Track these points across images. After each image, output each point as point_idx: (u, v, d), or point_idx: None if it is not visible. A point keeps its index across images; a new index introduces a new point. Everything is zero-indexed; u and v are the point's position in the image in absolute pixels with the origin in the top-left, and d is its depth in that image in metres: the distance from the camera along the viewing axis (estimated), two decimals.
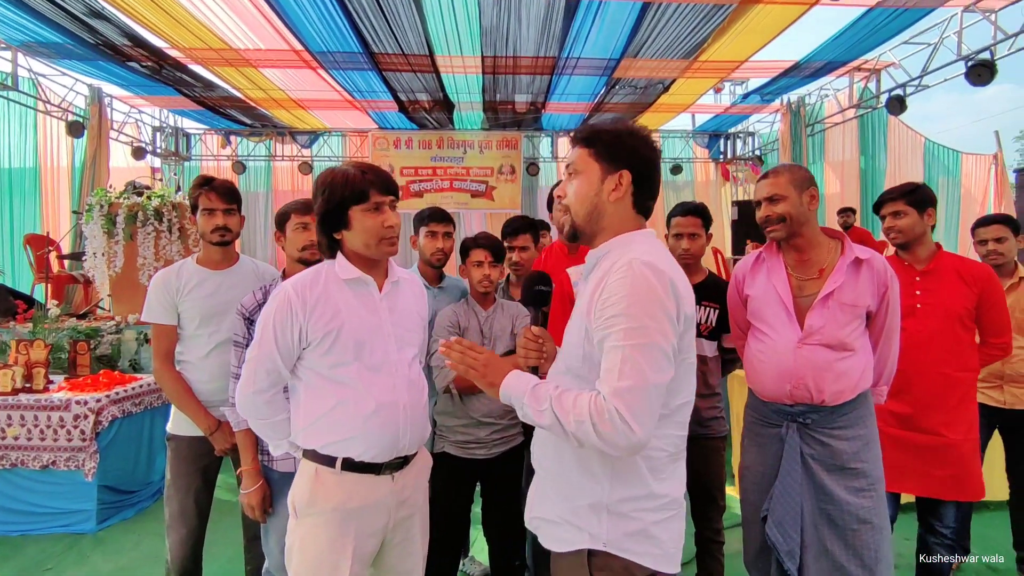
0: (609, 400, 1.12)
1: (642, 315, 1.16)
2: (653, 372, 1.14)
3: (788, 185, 1.88)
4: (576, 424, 1.14)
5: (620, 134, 1.33)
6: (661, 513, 1.26)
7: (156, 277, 2.20)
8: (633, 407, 1.11)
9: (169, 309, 2.18)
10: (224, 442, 2.15)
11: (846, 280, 1.83)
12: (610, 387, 1.13)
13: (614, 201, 1.32)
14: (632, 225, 1.33)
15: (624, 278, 1.18)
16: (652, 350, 1.15)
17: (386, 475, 1.52)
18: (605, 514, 1.24)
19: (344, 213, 1.52)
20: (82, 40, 5.98)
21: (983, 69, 5.04)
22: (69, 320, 5.49)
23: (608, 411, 1.11)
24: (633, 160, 1.31)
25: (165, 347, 2.19)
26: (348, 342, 1.49)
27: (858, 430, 1.83)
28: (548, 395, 1.20)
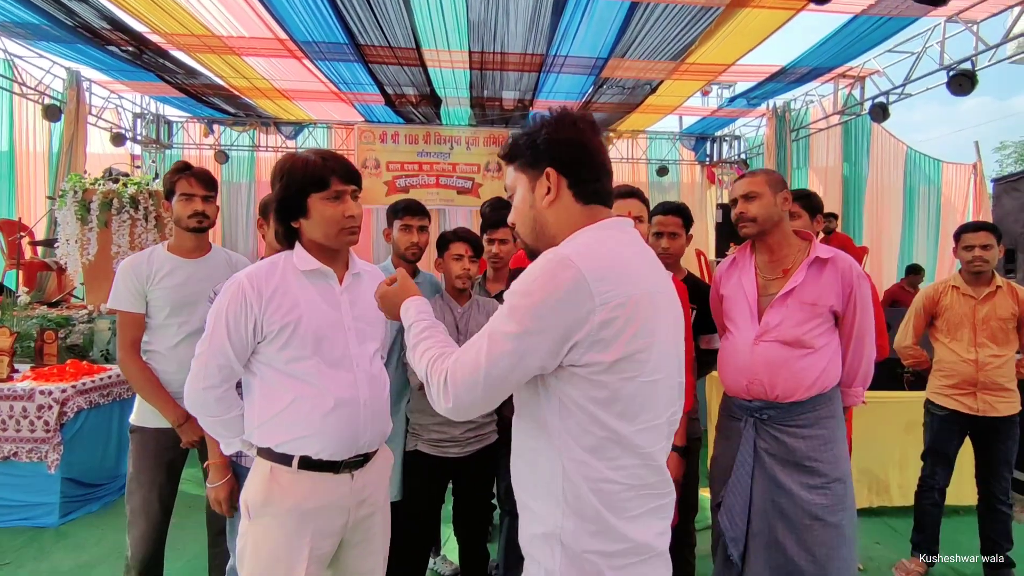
0: (447, 361, 1.09)
1: (519, 306, 1.05)
2: (493, 363, 1.04)
3: (764, 184, 1.93)
4: (422, 372, 1.14)
5: (532, 133, 1.19)
6: (623, 559, 1.08)
7: (125, 263, 2.14)
8: (456, 381, 1.06)
9: (138, 296, 2.11)
10: (192, 434, 2.08)
11: (807, 279, 1.86)
12: (456, 354, 1.10)
13: (551, 205, 1.17)
14: (584, 220, 1.16)
15: (533, 267, 1.09)
16: (507, 341, 1.04)
17: (345, 474, 1.48)
18: (559, 547, 1.09)
19: (303, 201, 1.47)
20: (60, 22, 5.83)
21: (964, 79, 5.10)
22: (40, 308, 5.37)
23: (440, 372, 1.09)
24: (552, 151, 1.16)
25: (131, 336, 2.13)
26: (306, 336, 1.44)
27: (817, 429, 1.85)
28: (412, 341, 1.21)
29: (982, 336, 2.83)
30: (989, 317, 2.81)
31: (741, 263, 2.03)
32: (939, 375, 2.95)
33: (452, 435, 2.23)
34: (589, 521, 1.07)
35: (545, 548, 1.11)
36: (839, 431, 1.88)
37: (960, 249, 2.89)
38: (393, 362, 2.31)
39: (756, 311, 1.92)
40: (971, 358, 2.82)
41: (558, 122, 1.18)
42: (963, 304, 2.87)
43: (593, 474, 1.07)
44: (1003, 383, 2.79)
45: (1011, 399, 2.81)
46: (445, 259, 2.30)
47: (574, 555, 1.08)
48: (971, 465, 3.63)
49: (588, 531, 1.07)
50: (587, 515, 1.07)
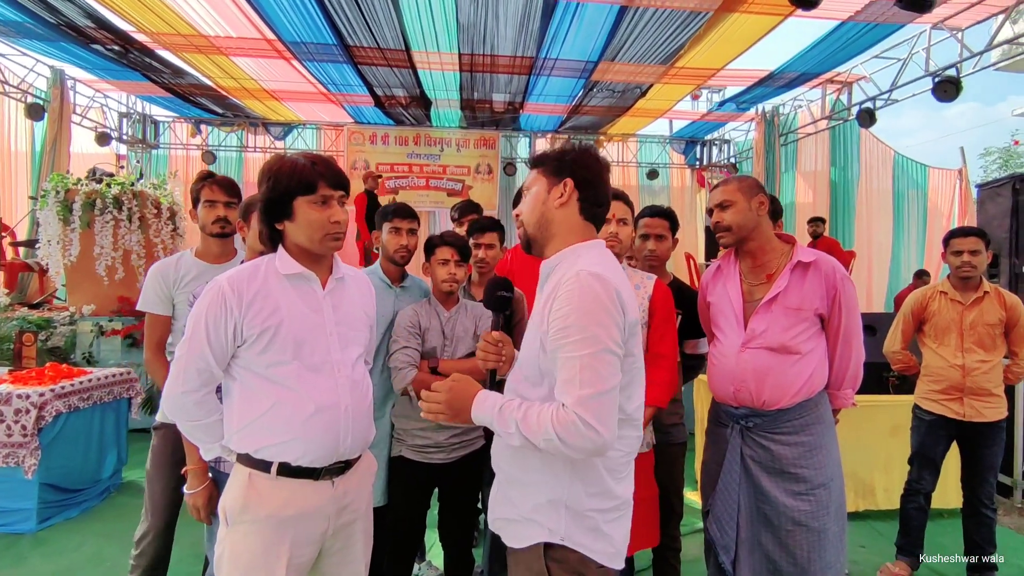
0: (571, 409, 1.18)
1: (592, 324, 1.21)
2: (610, 376, 1.21)
3: (736, 192, 1.93)
4: (545, 442, 1.21)
5: (564, 151, 1.43)
6: (614, 513, 1.33)
7: (154, 267, 2.22)
8: (597, 412, 1.18)
9: (165, 299, 2.19)
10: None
11: (791, 284, 1.86)
12: (572, 397, 1.19)
13: (559, 207, 1.38)
14: (581, 233, 1.39)
15: (572, 290, 1.24)
16: (605, 356, 1.21)
17: (325, 480, 1.45)
18: (563, 510, 1.29)
19: (288, 203, 1.45)
20: (43, 20, 5.75)
21: (949, 85, 5.16)
22: (21, 309, 5.28)
23: (571, 422, 1.17)
24: (575, 168, 1.39)
25: (158, 336, 2.19)
26: (287, 340, 1.42)
27: (802, 436, 1.85)
28: (513, 418, 1.25)
29: (969, 341, 2.83)
30: (976, 323, 2.82)
31: (726, 270, 2.03)
32: (927, 380, 2.96)
33: (436, 441, 2.20)
34: (592, 484, 1.29)
35: (551, 512, 1.30)
36: (826, 436, 1.87)
37: (949, 254, 2.89)
38: (378, 367, 2.29)
39: (742, 318, 1.91)
40: (958, 363, 2.83)
41: (585, 152, 1.43)
42: (951, 309, 2.88)
43: None
44: (990, 388, 2.80)
45: (998, 405, 2.82)
46: (432, 263, 2.28)
47: (576, 514, 1.29)
48: (956, 469, 3.67)
49: (589, 492, 1.29)
50: (592, 479, 1.29)
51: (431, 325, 2.26)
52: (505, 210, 9.79)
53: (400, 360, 2.17)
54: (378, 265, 2.43)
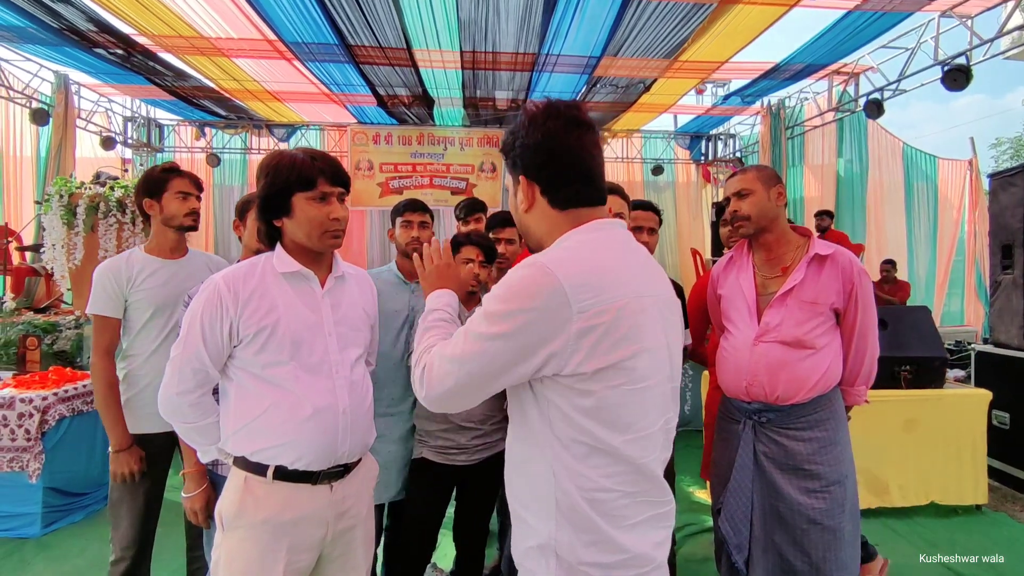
0: (431, 354, 1.12)
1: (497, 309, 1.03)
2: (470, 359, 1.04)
3: (755, 180, 1.89)
4: (415, 358, 1.17)
5: (515, 134, 1.14)
6: (620, 571, 1.04)
7: (103, 267, 2.09)
8: (436, 374, 1.09)
9: (117, 301, 2.07)
10: (124, 466, 2.05)
11: (807, 277, 1.81)
12: (439, 347, 1.12)
13: (526, 212, 1.15)
14: (564, 225, 1.12)
15: (512, 271, 1.07)
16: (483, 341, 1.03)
17: (324, 485, 1.42)
18: (554, 559, 1.05)
19: (287, 199, 1.42)
20: (45, 24, 5.75)
21: (959, 74, 5.07)
22: (27, 314, 5.29)
23: (423, 363, 1.13)
24: (523, 159, 1.13)
25: (107, 341, 2.09)
26: (283, 340, 1.39)
27: (816, 432, 1.81)
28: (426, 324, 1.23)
29: None
30: None
31: (738, 261, 1.98)
32: None
33: (459, 443, 2.17)
34: (584, 531, 1.03)
35: (540, 560, 1.06)
36: (840, 432, 1.83)
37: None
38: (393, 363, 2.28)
39: (755, 311, 1.87)
40: None
41: (531, 123, 1.12)
42: None
43: (586, 483, 1.04)
44: None
45: None
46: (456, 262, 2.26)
47: (570, 567, 1.03)
48: (970, 465, 3.60)
49: (583, 542, 1.03)
50: (582, 525, 1.03)
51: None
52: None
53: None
54: (394, 263, 2.42)
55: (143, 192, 2.15)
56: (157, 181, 2.14)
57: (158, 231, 2.17)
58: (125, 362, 2.12)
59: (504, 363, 1.03)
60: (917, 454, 3.66)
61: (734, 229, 1.93)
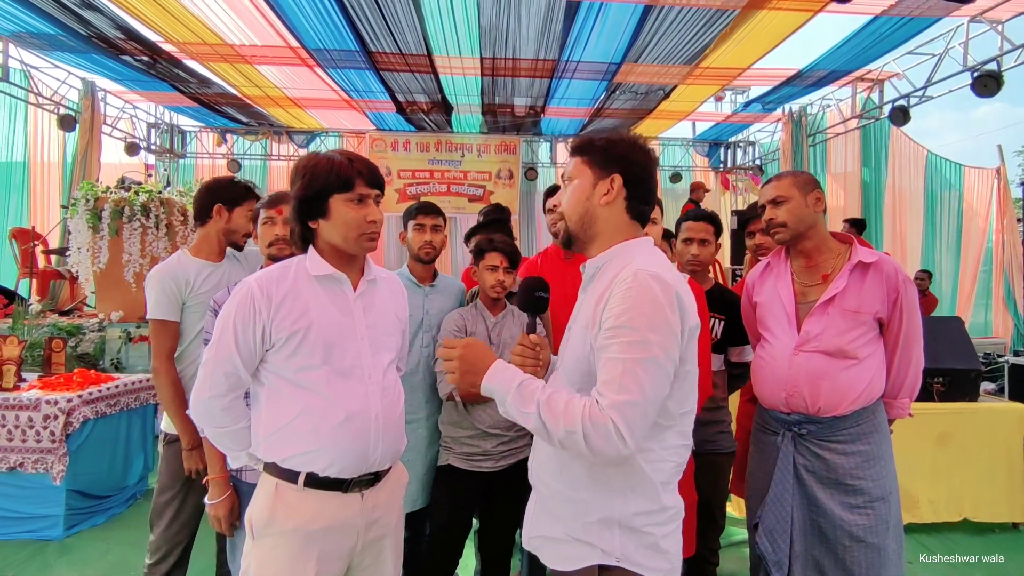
0: (607, 412, 1.10)
1: (645, 328, 1.13)
2: (652, 388, 1.13)
3: (792, 187, 1.84)
4: (566, 433, 1.12)
5: (612, 141, 1.33)
6: (669, 526, 1.26)
7: (159, 271, 2.10)
8: (631, 421, 1.10)
9: (176, 305, 2.09)
10: (197, 462, 2.03)
11: (850, 285, 1.76)
12: (609, 400, 1.11)
13: (605, 205, 1.30)
14: (627, 232, 1.31)
15: (629, 289, 1.16)
16: (653, 365, 1.13)
17: (355, 493, 1.39)
18: (617, 529, 1.22)
19: (324, 201, 1.39)
20: (74, 32, 5.87)
21: (990, 80, 4.96)
22: (52, 316, 5.36)
23: (604, 423, 1.09)
24: (625, 164, 1.30)
25: (169, 346, 2.09)
26: (316, 344, 1.36)
27: (859, 445, 1.75)
28: (536, 398, 1.15)
29: None
30: None
31: (776, 269, 1.93)
32: None
33: (485, 449, 2.15)
34: (647, 499, 1.22)
35: (604, 532, 1.22)
36: (884, 446, 1.77)
37: None
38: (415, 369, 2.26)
39: (795, 319, 1.81)
40: None
41: (636, 144, 1.33)
42: None
43: (653, 456, 1.22)
44: None
45: None
46: (480, 268, 2.23)
47: (632, 531, 1.22)
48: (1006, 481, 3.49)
49: (644, 509, 1.21)
50: (647, 494, 1.22)
51: (477, 330, 2.21)
52: (527, 216, 9.73)
53: None
54: (406, 267, 2.39)
55: (221, 197, 2.17)
56: (238, 194, 2.19)
57: (214, 235, 2.19)
58: (179, 366, 2.11)
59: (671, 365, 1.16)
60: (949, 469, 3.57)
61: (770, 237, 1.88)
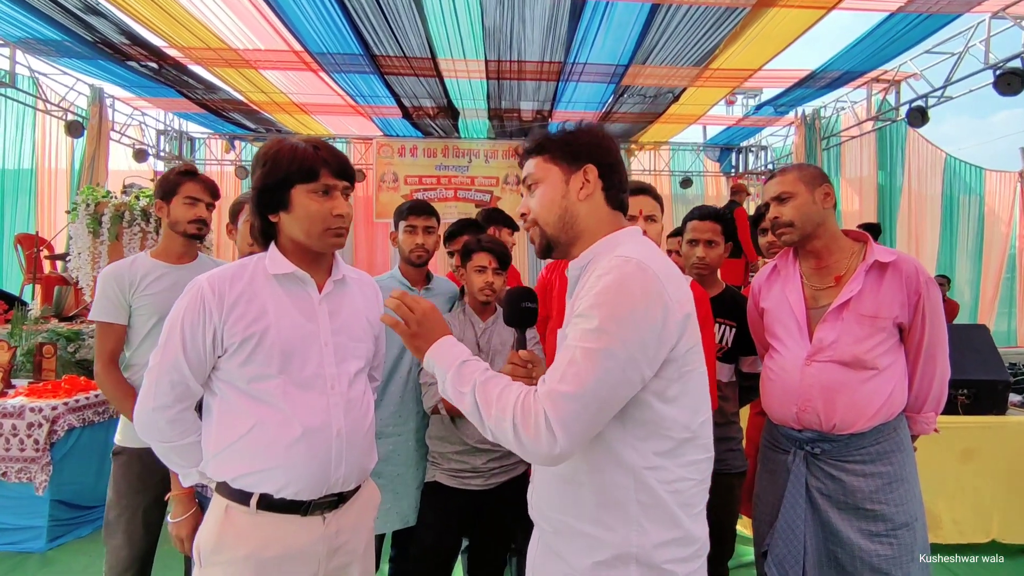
0: (540, 401, 0.98)
1: (606, 317, 1.00)
2: (597, 383, 0.98)
3: (797, 182, 1.68)
4: (496, 419, 1.01)
5: (573, 133, 1.22)
6: (694, 562, 1.11)
7: (107, 272, 2.00)
8: (564, 416, 0.97)
9: (121, 307, 1.98)
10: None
11: (866, 287, 1.60)
12: (547, 387, 1.00)
13: (585, 199, 1.18)
14: (611, 224, 1.20)
15: (602, 275, 1.04)
16: (605, 358, 0.99)
17: (315, 516, 1.26)
18: (634, 565, 1.07)
19: (285, 192, 1.27)
20: (80, 37, 5.87)
21: (1014, 77, 4.76)
22: (52, 321, 5.31)
23: (535, 413, 0.98)
24: (595, 152, 1.19)
25: (111, 348, 1.98)
26: (272, 350, 1.23)
27: (880, 466, 1.58)
28: (474, 378, 1.05)
29: None
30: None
31: (784, 271, 1.77)
32: None
33: (474, 465, 2.01)
34: (667, 528, 1.07)
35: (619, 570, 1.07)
36: (907, 466, 1.60)
37: None
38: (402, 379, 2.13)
39: (805, 326, 1.65)
40: None
41: (597, 131, 1.23)
42: None
43: (668, 475, 1.07)
44: None
45: None
46: (468, 270, 2.09)
47: (651, 569, 1.06)
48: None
49: (665, 540, 1.06)
50: (667, 522, 1.07)
51: (465, 336, 2.07)
52: None
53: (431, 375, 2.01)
54: (397, 269, 2.27)
55: (156, 194, 2.10)
56: (170, 184, 2.07)
57: (166, 235, 2.10)
58: (127, 372, 2.01)
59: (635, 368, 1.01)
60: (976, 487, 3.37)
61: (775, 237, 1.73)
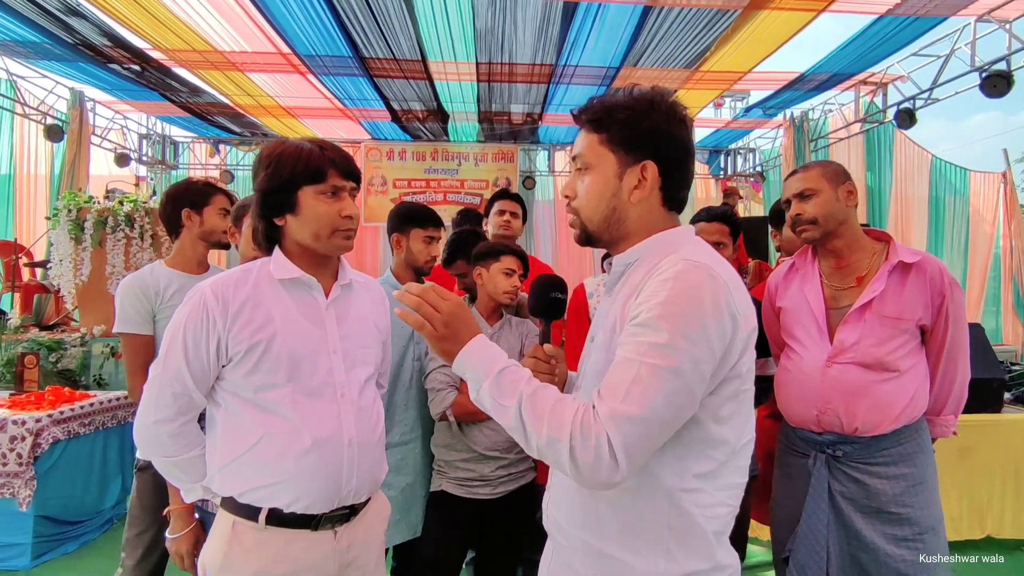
0: (602, 422, 0.87)
1: (676, 331, 0.89)
2: (664, 405, 0.88)
3: (820, 178, 1.66)
4: (548, 440, 0.88)
5: (639, 111, 1.04)
6: None
7: (128, 282, 1.98)
8: (629, 440, 0.87)
9: (147, 317, 1.96)
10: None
11: (888, 288, 1.58)
12: (609, 407, 0.88)
13: (638, 201, 1.04)
14: (663, 225, 1.07)
15: (668, 279, 0.92)
16: (673, 378, 0.88)
17: (326, 530, 1.20)
18: None
19: (292, 194, 1.22)
20: (60, 39, 5.73)
21: (999, 80, 4.83)
22: (33, 331, 5.16)
23: (596, 435, 0.86)
24: (658, 144, 1.03)
25: (143, 360, 1.93)
26: (280, 358, 1.18)
27: (904, 468, 1.55)
28: (519, 390, 0.91)
29: None
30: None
31: (802, 270, 1.75)
32: None
33: (481, 473, 1.97)
34: (699, 556, 0.98)
35: None
36: (929, 469, 1.59)
37: None
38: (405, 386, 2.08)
39: (825, 327, 1.63)
40: None
41: (670, 112, 1.05)
42: None
43: (707, 500, 0.99)
44: None
45: None
46: (491, 272, 2.06)
47: None
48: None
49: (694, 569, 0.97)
50: (700, 550, 0.98)
51: None
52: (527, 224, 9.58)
53: (439, 381, 1.96)
54: (390, 273, 2.23)
55: (185, 202, 2.07)
56: (202, 193, 2.09)
57: (189, 244, 2.10)
58: None
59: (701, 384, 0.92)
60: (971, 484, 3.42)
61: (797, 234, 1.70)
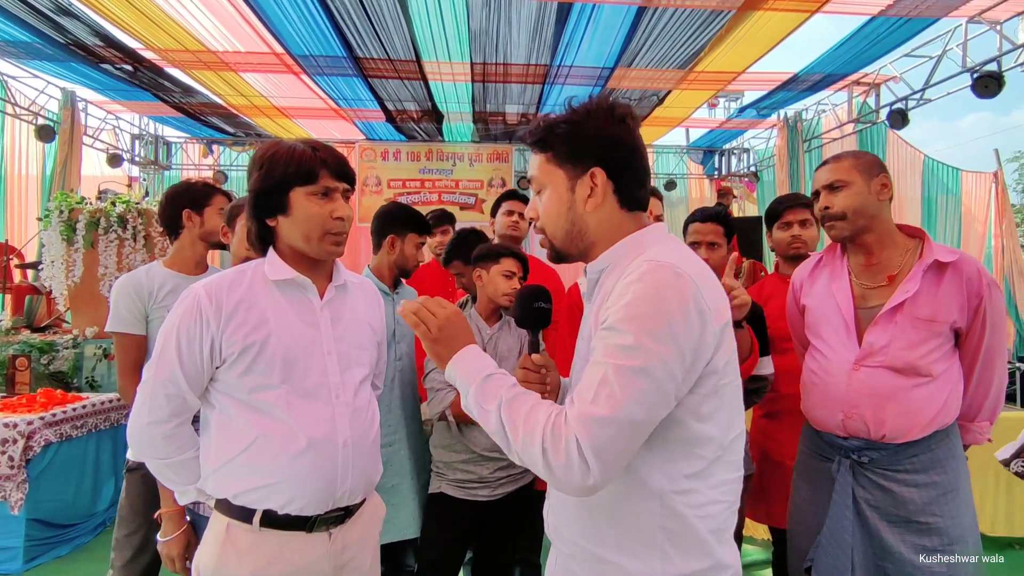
0: (571, 425, 0.89)
1: (642, 332, 0.91)
2: (634, 406, 0.89)
3: (852, 170, 1.59)
4: (523, 443, 0.92)
5: (576, 122, 1.05)
6: None
7: (122, 282, 1.98)
8: (597, 441, 0.88)
9: (140, 317, 1.96)
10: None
11: (923, 288, 1.50)
12: (578, 410, 0.90)
13: (593, 209, 1.06)
14: (628, 226, 1.08)
15: (632, 282, 0.94)
16: (642, 378, 0.90)
17: (320, 532, 1.20)
18: None
19: (284, 195, 1.23)
20: (51, 39, 5.69)
21: (991, 80, 4.87)
22: (24, 332, 5.12)
23: (566, 439, 0.89)
24: (601, 149, 1.05)
25: (134, 359, 1.94)
26: (274, 359, 1.18)
27: (934, 475, 1.48)
28: (499, 395, 0.95)
29: None
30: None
31: (830, 265, 1.68)
32: None
33: (480, 475, 1.97)
34: (698, 556, 0.98)
35: None
36: (961, 476, 1.52)
37: None
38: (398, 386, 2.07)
39: (853, 328, 1.56)
40: None
41: (608, 115, 1.05)
42: None
43: (699, 499, 0.99)
44: None
45: None
46: (491, 273, 2.06)
47: None
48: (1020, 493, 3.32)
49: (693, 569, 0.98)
50: (697, 550, 0.98)
51: None
52: None
53: (438, 380, 1.96)
54: (369, 271, 2.23)
55: (185, 203, 2.07)
56: (202, 194, 2.10)
57: (188, 244, 2.09)
58: None
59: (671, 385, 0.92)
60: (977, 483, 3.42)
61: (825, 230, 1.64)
